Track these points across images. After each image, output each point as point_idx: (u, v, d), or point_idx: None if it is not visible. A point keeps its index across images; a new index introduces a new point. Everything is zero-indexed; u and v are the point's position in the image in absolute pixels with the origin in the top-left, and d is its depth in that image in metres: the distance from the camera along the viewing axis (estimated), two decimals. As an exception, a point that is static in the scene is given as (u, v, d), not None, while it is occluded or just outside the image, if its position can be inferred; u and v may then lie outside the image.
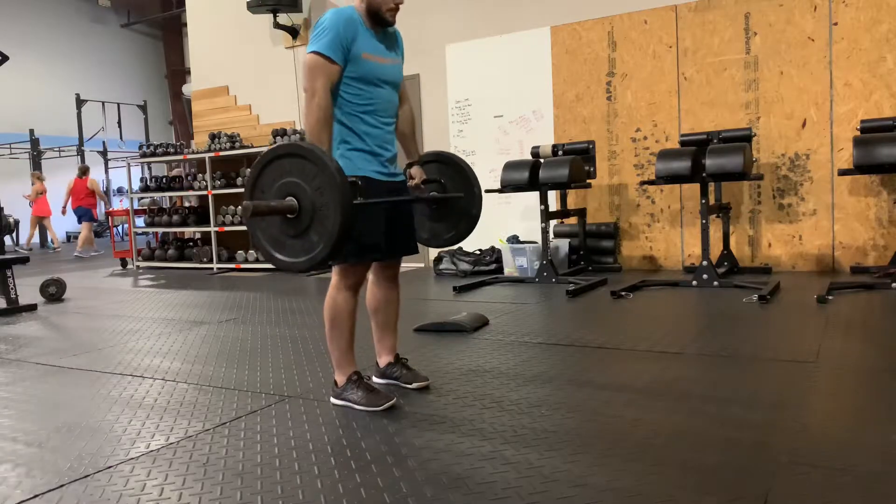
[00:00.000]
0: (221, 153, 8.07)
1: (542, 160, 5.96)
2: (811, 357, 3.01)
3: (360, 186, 2.37)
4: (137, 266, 9.07)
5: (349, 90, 2.54)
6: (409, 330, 3.94)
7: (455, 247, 7.01)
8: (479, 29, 7.06)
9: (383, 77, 2.64)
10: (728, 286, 4.96)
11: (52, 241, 14.14)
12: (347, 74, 2.52)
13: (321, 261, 2.23)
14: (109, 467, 2.14)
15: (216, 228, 8.17)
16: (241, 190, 7.94)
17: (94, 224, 13.16)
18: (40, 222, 13.72)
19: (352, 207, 2.17)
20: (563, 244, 6.44)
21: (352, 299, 2.61)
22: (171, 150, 8.78)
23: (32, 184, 13.71)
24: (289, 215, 2.23)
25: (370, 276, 2.82)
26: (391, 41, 2.74)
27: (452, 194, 2.90)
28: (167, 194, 9.20)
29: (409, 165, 2.86)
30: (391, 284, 2.84)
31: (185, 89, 16.38)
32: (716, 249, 5.73)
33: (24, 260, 6.00)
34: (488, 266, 6.49)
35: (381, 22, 2.62)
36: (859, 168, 4.65)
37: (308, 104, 2.44)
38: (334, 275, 2.62)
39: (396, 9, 2.65)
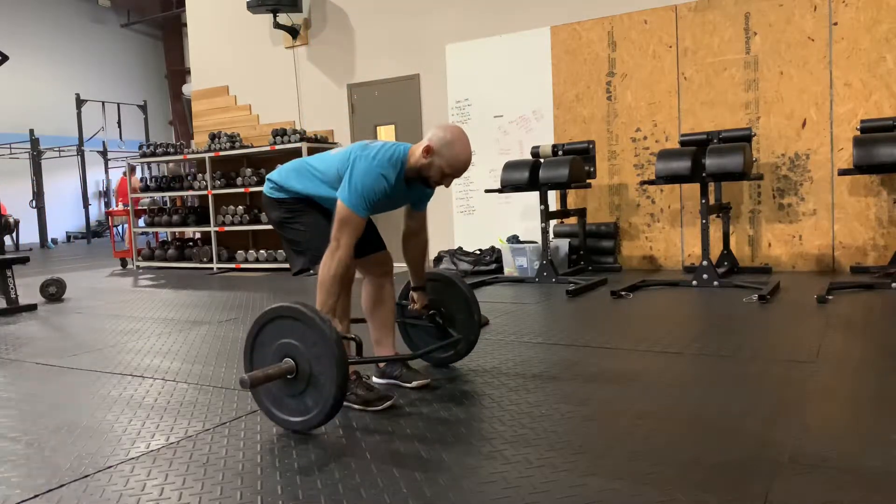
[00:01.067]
0: (221, 153, 8.07)
1: (542, 160, 5.96)
2: (811, 357, 3.01)
3: (357, 344, 2.43)
4: (137, 266, 9.07)
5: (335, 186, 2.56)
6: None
7: (455, 246, 7.01)
8: (479, 29, 7.06)
9: (391, 210, 2.69)
10: (728, 286, 4.95)
11: None
12: None
13: (316, 426, 2.28)
14: (109, 467, 2.14)
15: (216, 228, 8.17)
16: (241, 190, 7.96)
17: None
18: None
19: (348, 379, 2.23)
20: (563, 244, 6.43)
21: (345, 300, 2.62)
22: (171, 150, 8.78)
23: None
24: (288, 376, 2.26)
25: (365, 277, 2.84)
26: (418, 187, 2.69)
27: (452, 339, 2.97)
28: (167, 194, 9.20)
29: (414, 289, 2.94)
30: (385, 282, 2.86)
31: (185, 89, 16.39)
32: (716, 249, 5.73)
33: (24, 260, 6.00)
34: (488, 266, 6.49)
35: (423, 183, 2.61)
36: (859, 168, 4.64)
37: (331, 254, 2.44)
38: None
39: (440, 185, 2.63)
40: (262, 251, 7.94)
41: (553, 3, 6.65)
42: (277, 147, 7.66)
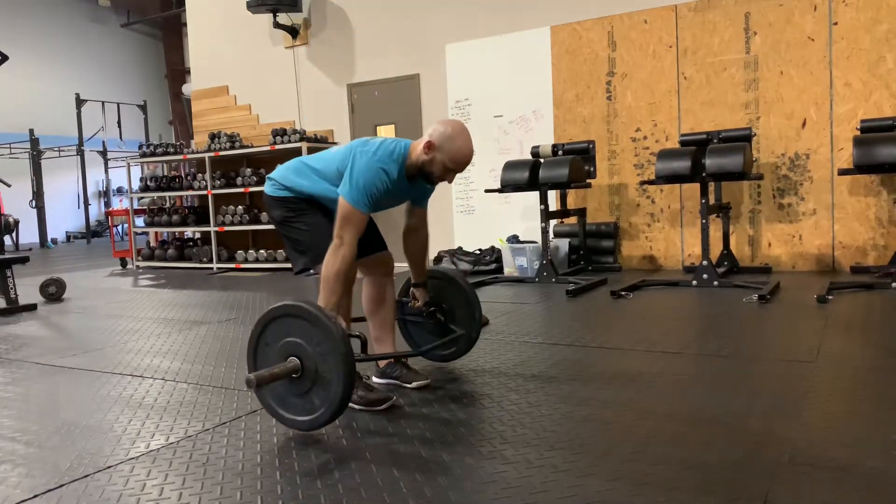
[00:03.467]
0: (221, 153, 8.06)
1: (541, 160, 5.96)
2: (811, 357, 3.01)
3: (362, 341, 2.42)
4: (137, 266, 9.07)
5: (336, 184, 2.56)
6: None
7: (455, 246, 7.01)
8: (479, 29, 7.06)
9: (393, 206, 2.69)
10: (728, 286, 4.95)
11: None
12: None
13: (322, 424, 2.26)
14: (109, 467, 2.14)
15: (216, 228, 8.17)
16: (241, 190, 7.96)
17: None
18: None
19: (354, 376, 2.22)
20: (563, 244, 6.43)
21: (346, 299, 2.61)
22: (171, 150, 8.79)
23: None
24: (293, 375, 2.25)
25: (365, 277, 2.83)
26: (419, 183, 2.68)
27: (454, 335, 2.97)
28: (167, 194, 9.21)
29: (415, 286, 2.93)
30: (386, 282, 2.86)
31: (185, 89, 16.38)
32: (716, 249, 5.73)
33: (24, 260, 6.00)
34: (488, 266, 6.49)
35: (425, 179, 2.60)
36: (859, 168, 4.64)
37: (334, 251, 2.43)
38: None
39: (442, 181, 2.61)
40: (262, 251, 7.94)
41: (553, 3, 6.65)
42: (277, 147, 7.66)
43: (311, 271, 2.64)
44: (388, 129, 7.85)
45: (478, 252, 6.72)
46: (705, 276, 5.02)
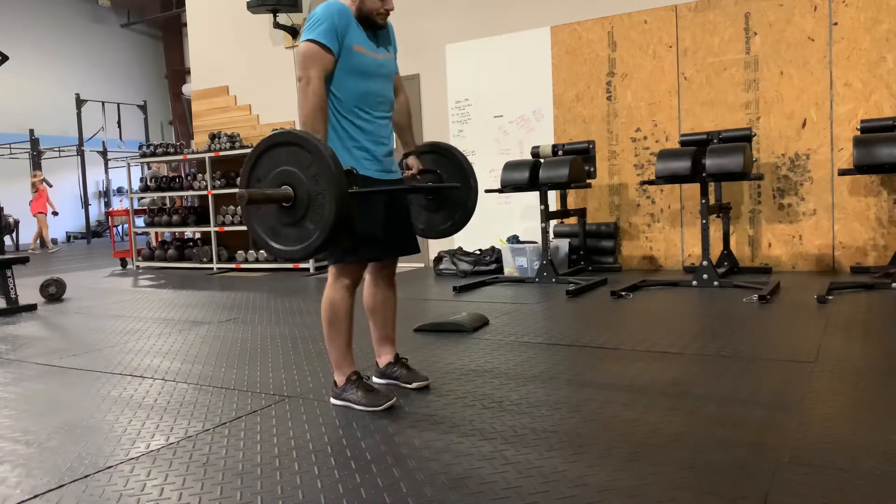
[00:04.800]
0: (221, 153, 8.07)
1: (542, 160, 5.96)
2: (811, 357, 3.01)
3: (354, 175, 2.39)
4: (137, 266, 9.07)
5: (342, 85, 2.53)
6: (409, 330, 3.95)
7: (455, 247, 7.01)
8: (479, 29, 7.06)
9: (375, 70, 2.62)
10: (728, 286, 4.95)
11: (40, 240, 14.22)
12: (340, 68, 2.51)
13: (316, 249, 2.23)
14: (109, 467, 2.14)
15: (216, 228, 8.17)
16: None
17: None
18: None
19: (347, 195, 2.18)
20: (563, 244, 6.43)
21: (349, 298, 2.61)
22: (171, 151, 8.79)
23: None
24: (284, 204, 2.23)
25: (367, 277, 2.82)
26: (383, 36, 2.70)
27: (449, 184, 2.90)
28: (167, 194, 9.21)
29: (406, 156, 2.85)
30: (388, 283, 2.84)
31: (185, 89, 16.39)
32: (716, 249, 5.73)
33: (23, 260, 6.00)
34: (488, 266, 6.48)
35: (371, 25, 2.61)
36: (859, 168, 4.64)
37: (303, 92, 2.43)
38: (331, 274, 2.62)
39: (387, 13, 2.62)
40: (262, 251, 7.94)
41: (553, 3, 6.65)
42: (277, 147, 7.64)
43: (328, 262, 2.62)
44: (388, 130, 7.83)
45: (478, 252, 6.72)
46: (705, 276, 5.02)
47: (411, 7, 7.52)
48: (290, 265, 7.66)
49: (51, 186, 14.53)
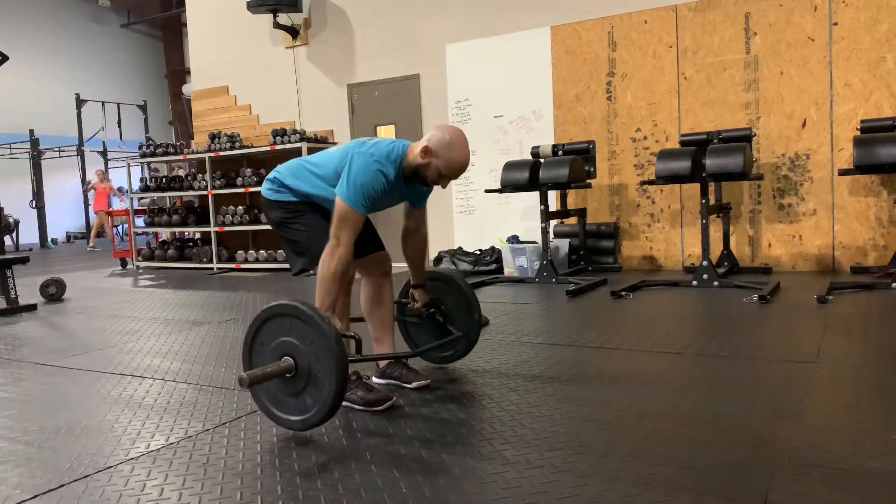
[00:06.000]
0: (221, 153, 8.06)
1: (542, 160, 5.96)
2: (811, 357, 3.01)
3: (357, 342, 2.42)
4: (137, 266, 9.06)
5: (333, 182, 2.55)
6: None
7: (455, 246, 7.01)
8: (479, 29, 7.06)
9: (390, 206, 2.69)
10: (728, 286, 4.95)
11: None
12: None
13: (315, 423, 2.25)
14: (109, 467, 2.14)
15: (216, 228, 8.17)
16: (241, 190, 7.96)
17: None
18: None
19: (347, 375, 2.21)
20: (563, 244, 6.43)
21: (344, 297, 2.61)
22: (171, 151, 8.79)
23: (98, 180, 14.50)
24: (287, 374, 2.24)
25: (364, 278, 2.83)
26: (415, 186, 2.67)
27: (453, 336, 2.95)
28: (167, 194, 9.21)
29: (414, 287, 2.93)
30: (385, 282, 2.85)
31: (185, 89, 16.39)
32: (716, 249, 5.73)
33: (23, 260, 6.00)
34: (488, 266, 6.48)
35: (419, 182, 2.60)
36: (859, 168, 4.64)
37: (331, 252, 2.42)
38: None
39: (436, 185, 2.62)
40: (261, 251, 7.94)
41: (553, 3, 6.65)
42: (277, 147, 7.66)
43: (311, 272, 2.64)
44: (388, 130, 7.85)
45: (478, 252, 6.72)
46: (705, 276, 5.02)
47: (411, 7, 7.53)
48: (289, 266, 7.65)
49: (91, 187, 14.84)
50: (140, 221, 9.81)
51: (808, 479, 1.82)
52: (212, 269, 8.25)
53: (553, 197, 6.40)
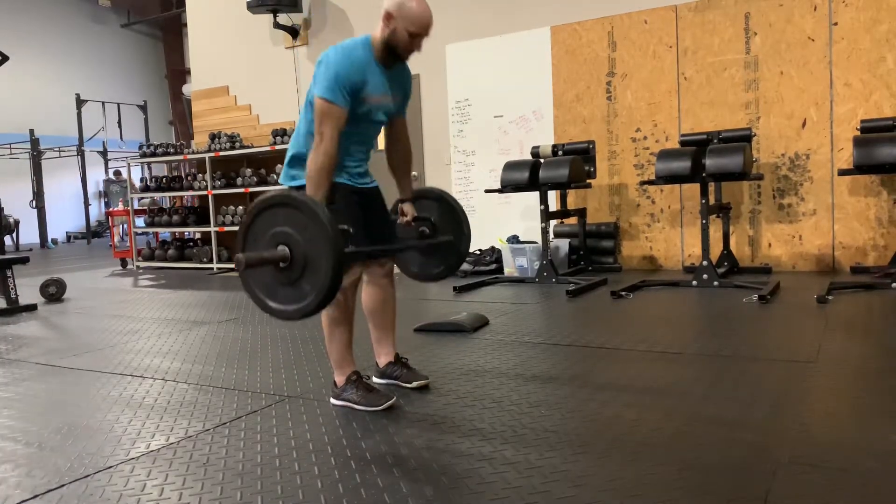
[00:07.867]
0: (221, 153, 8.07)
1: (542, 160, 5.96)
2: (811, 357, 3.01)
3: (350, 234, 2.39)
4: (137, 266, 9.07)
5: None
6: (409, 330, 3.94)
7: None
8: (479, 29, 7.06)
9: (379, 118, 2.65)
10: (728, 286, 4.95)
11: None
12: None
13: (312, 310, 2.22)
14: (109, 467, 2.14)
15: (216, 228, 8.17)
16: (241, 190, 7.96)
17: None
18: None
19: (343, 259, 2.18)
20: (563, 244, 6.43)
21: (349, 298, 2.61)
22: (172, 150, 8.79)
23: None
24: (281, 264, 2.22)
25: (365, 277, 2.82)
26: (398, 77, 2.67)
27: (442, 239, 2.90)
28: (167, 194, 9.20)
29: (401, 202, 2.88)
30: (386, 283, 2.84)
31: (185, 89, 16.38)
32: (716, 249, 5.73)
33: (24, 260, 6.00)
34: (488, 266, 6.49)
35: (396, 58, 2.59)
36: (859, 168, 4.64)
37: (315, 148, 2.43)
38: None
39: (412, 52, 2.59)
40: (262, 251, 7.93)
41: (553, 3, 6.65)
42: (277, 147, 7.66)
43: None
44: (388, 130, 7.84)
45: (478, 252, 6.72)
46: (705, 276, 5.02)
47: (411, 7, 7.52)
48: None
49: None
50: (140, 221, 9.80)
51: (808, 479, 1.82)
52: (212, 269, 8.26)
53: (553, 197, 6.40)
